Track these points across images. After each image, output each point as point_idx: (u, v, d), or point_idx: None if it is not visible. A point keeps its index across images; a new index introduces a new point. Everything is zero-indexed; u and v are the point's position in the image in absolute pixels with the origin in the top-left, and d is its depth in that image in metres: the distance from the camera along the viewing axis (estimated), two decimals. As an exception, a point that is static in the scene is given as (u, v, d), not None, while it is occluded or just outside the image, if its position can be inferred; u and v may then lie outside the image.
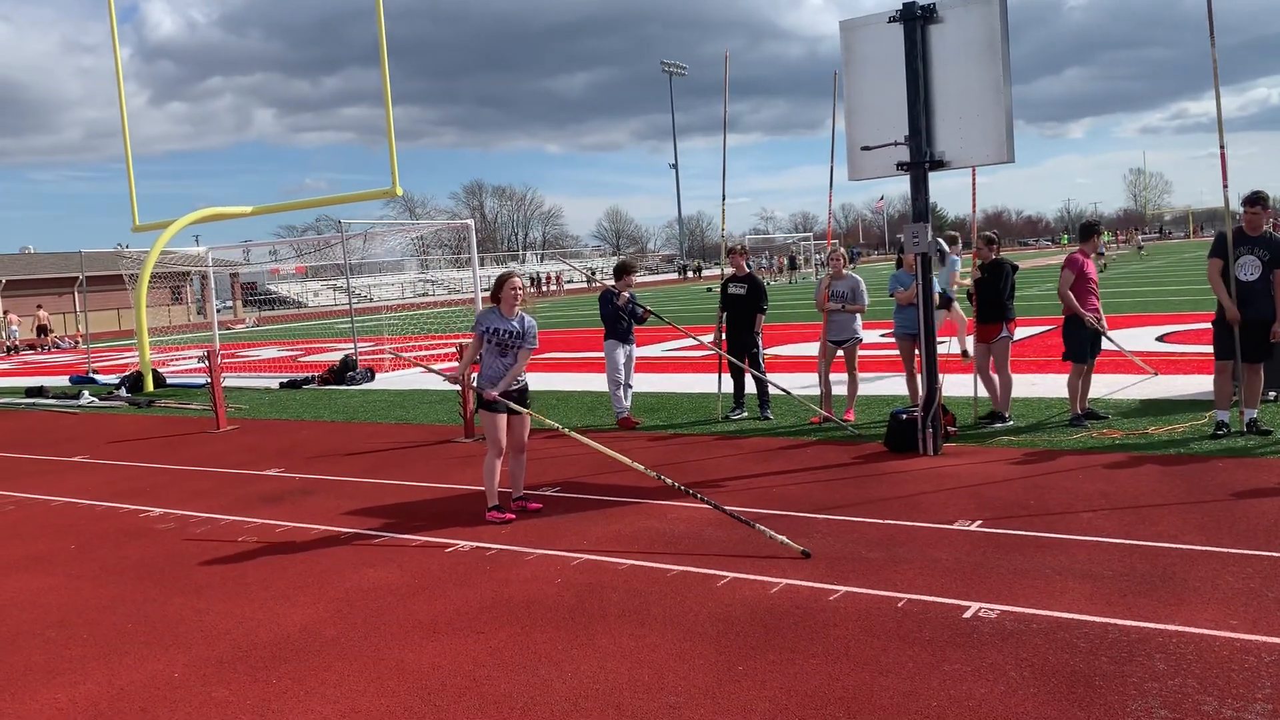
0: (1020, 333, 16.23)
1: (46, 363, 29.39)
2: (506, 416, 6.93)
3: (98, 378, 20.12)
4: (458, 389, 10.44)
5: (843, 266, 10.05)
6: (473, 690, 4.23)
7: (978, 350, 9.32)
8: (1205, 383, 10.48)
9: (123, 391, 17.12)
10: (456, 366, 7.54)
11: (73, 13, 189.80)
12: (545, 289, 71.79)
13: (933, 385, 8.19)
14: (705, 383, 12.87)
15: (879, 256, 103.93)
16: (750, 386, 10.57)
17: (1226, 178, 8.47)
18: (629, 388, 10.66)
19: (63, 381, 20.26)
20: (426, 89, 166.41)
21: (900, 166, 8.16)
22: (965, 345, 13.31)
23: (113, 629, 5.30)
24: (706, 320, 22.09)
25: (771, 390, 10.36)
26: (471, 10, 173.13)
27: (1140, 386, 10.67)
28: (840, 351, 10.07)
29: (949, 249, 12.92)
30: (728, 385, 10.74)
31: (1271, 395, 9.13)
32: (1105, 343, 9.32)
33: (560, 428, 7.20)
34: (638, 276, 10.75)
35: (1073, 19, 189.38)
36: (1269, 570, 5.00)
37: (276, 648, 4.86)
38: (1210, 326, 8.42)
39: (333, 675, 4.49)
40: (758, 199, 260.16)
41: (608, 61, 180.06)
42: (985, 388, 9.34)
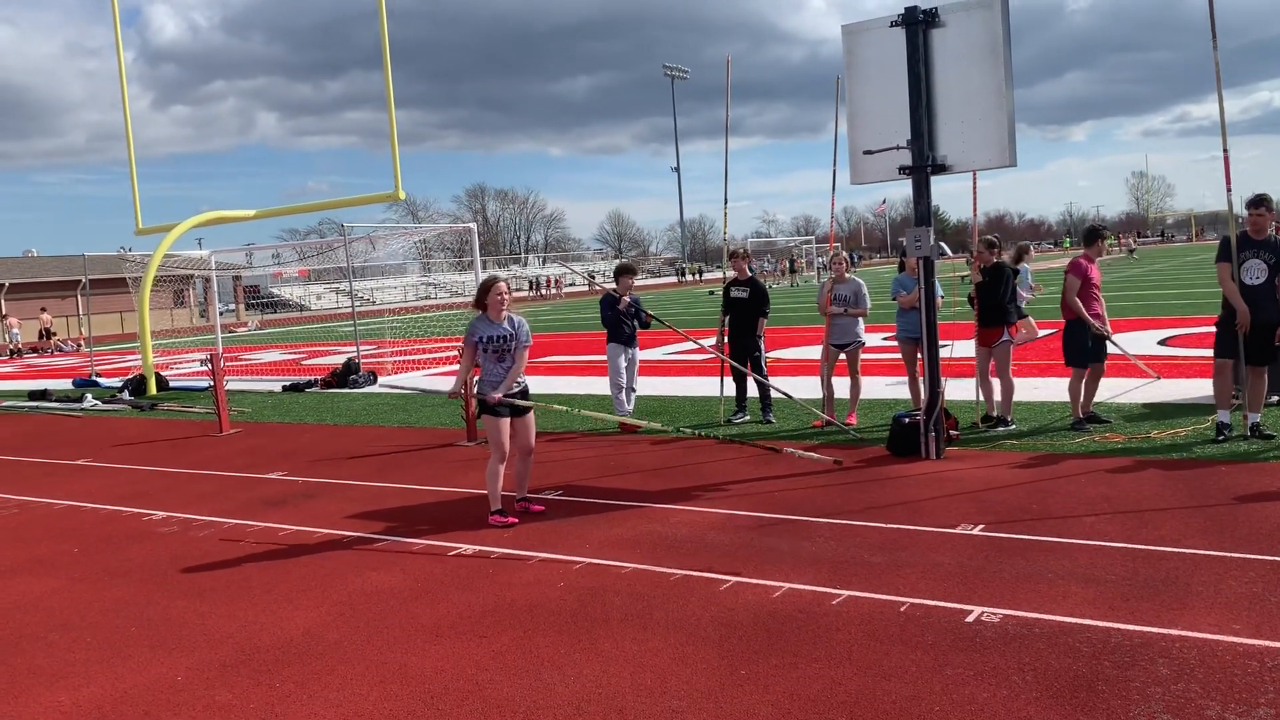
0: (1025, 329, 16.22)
1: (49, 366, 29.42)
2: (510, 420, 6.95)
3: (101, 381, 20.15)
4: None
5: (845, 270, 10.07)
6: (475, 694, 4.24)
7: (978, 354, 9.32)
8: (1207, 386, 10.46)
9: (126, 395, 17.13)
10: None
11: (77, 16, 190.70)
12: (545, 292, 71.81)
13: (935, 389, 8.20)
14: (708, 386, 12.88)
15: (880, 260, 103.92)
16: (752, 390, 10.57)
17: (1230, 181, 8.45)
18: (633, 391, 10.67)
19: (66, 384, 20.29)
20: (429, 92, 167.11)
21: (902, 170, 8.17)
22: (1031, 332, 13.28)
23: (116, 632, 5.31)
24: (708, 324, 22.10)
25: (774, 394, 10.37)
26: (474, 13, 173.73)
27: (1142, 390, 10.67)
28: (843, 355, 10.08)
29: (1024, 259, 12.99)
30: (730, 389, 10.74)
31: (1275, 399, 9.11)
32: (1110, 347, 9.31)
33: (569, 409, 7.14)
34: (636, 279, 10.74)
35: (1074, 22, 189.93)
36: (1272, 574, 5.00)
37: (279, 651, 4.87)
38: (1213, 329, 8.41)
39: (336, 679, 4.50)
40: (760, 202, 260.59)
41: (610, 65, 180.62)
42: (984, 392, 9.35)
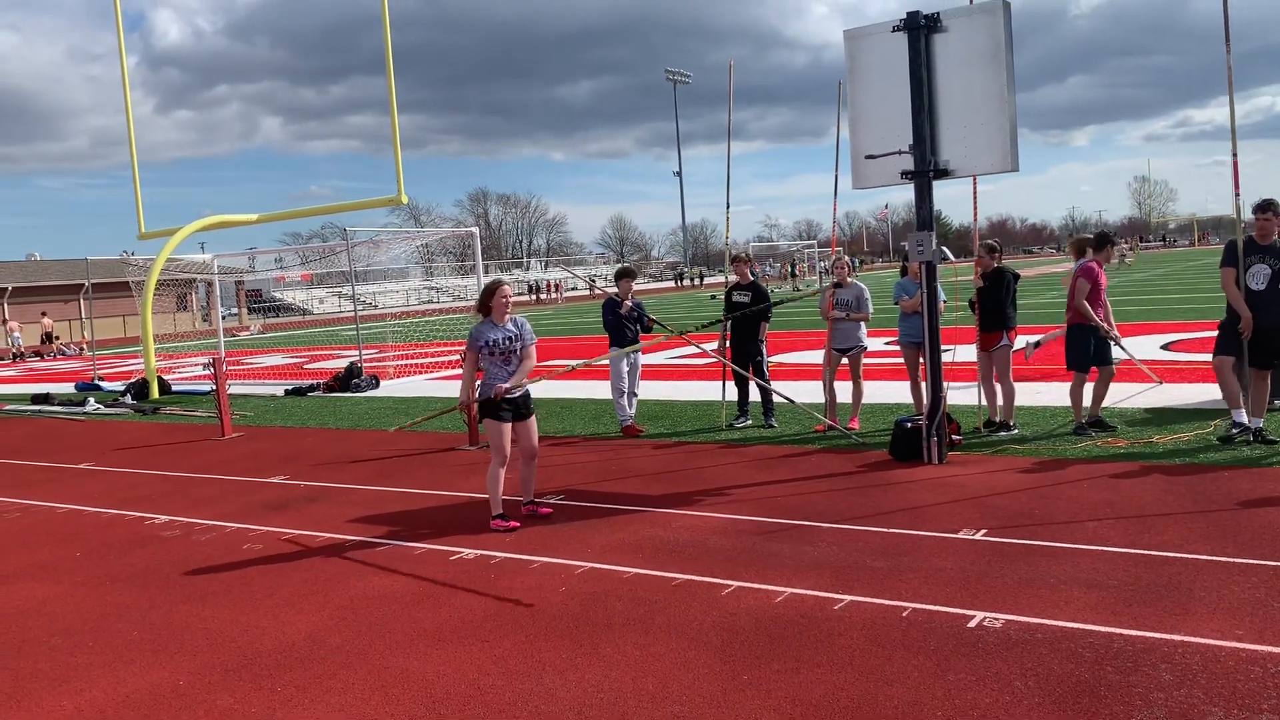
0: (1023, 342, 16.21)
1: (52, 370, 29.44)
2: (512, 424, 6.96)
3: (103, 385, 20.17)
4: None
5: (847, 275, 10.07)
6: (477, 699, 4.24)
7: (979, 359, 9.32)
8: (1210, 391, 10.47)
9: (128, 398, 17.15)
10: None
11: (81, 22, 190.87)
12: (546, 296, 71.81)
13: (937, 394, 8.19)
14: (709, 391, 12.88)
15: (882, 264, 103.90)
16: (755, 394, 10.57)
17: (1239, 185, 8.38)
18: (634, 395, 10.66)
19: (68, 388, 20.31)
20: (432, 97, 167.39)
21: (904, 175, 8.17)
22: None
23: (118, 636, 5.31)
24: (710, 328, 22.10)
25: (776, 398, 10.37)
26: (477, 19, 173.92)
27: (1145, 395, 10.66)
28: (845, 359, 10.08)
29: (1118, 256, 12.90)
30: (732, 393, 10.74)
31: (1278, 404, 9.10)
32: (1116, 351, 9.30)
33: (570, 367, 7.18)
34: (634, 283, 10.77)
35: (1077, 27, 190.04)
36: (1275, 580, 4.99)
37: (281, 655, 4.87)
38: (1215, 334, 8.40)
39: (337, 683, 4.50)
40: (762, 206, 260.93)
41: (613, 70, 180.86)
42: (986, 397, 9.34)
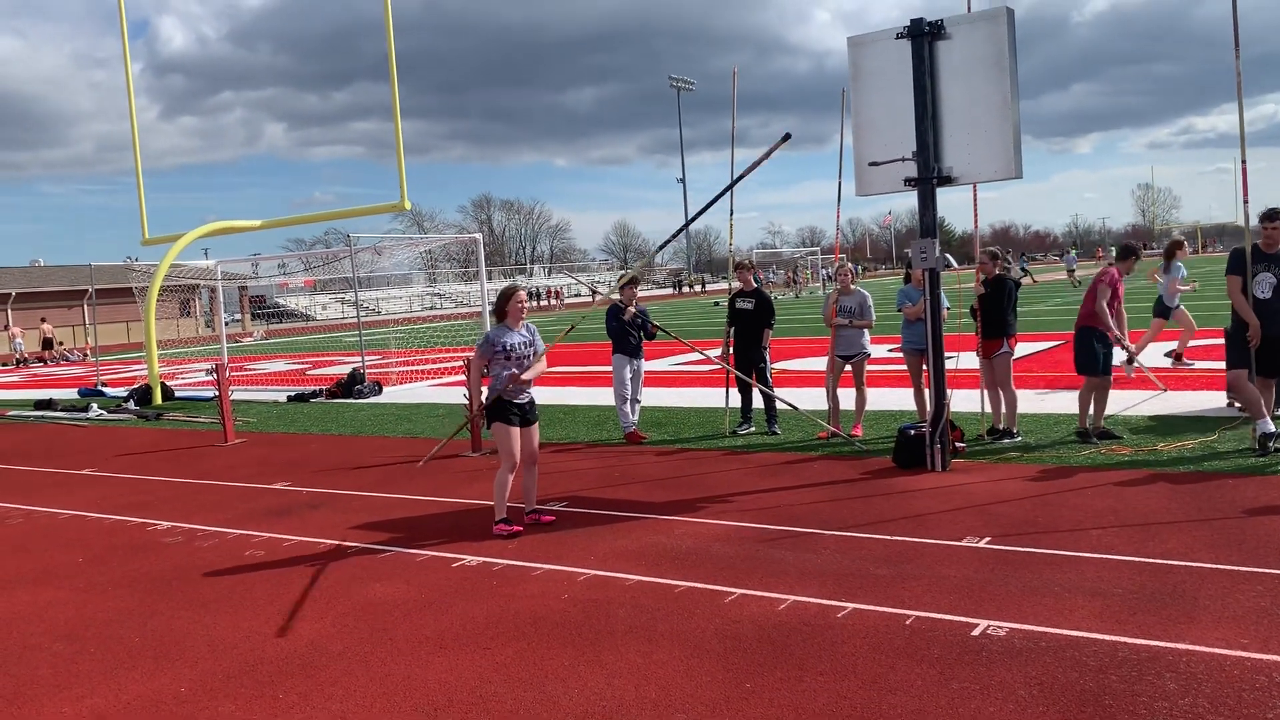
0: (1027, 348, 16.21)
1: (55, 375, 29.48)
2: (520, 430, 6.96)
3: (106, 390, 20.19)
4: (465, 402, 10.46)
5: (850, 282, 10.06)
6: (479, 706, 4.22)
7: (981, 366, 9.31)
8: (1214, 399, 10.46)
9: (131, 404, 17.17)
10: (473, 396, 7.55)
11: (85, 28, 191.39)
12: (546, 303, 71.80)
13: (941, 401, 8.18)
14: (713, 397, 12.87)
15: (886, 271, 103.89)
16: (758, 401, 10.56)
17: (1247, 192, 8.34)
18: (637, 402, 10.65)
19: (71, 394, 20.33)
20: (435, 103, 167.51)
21: (908, 182, 8.17)
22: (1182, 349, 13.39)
23: (120, 642, 5.31)
24: (713, 335, 22.10)
25: (779, 405, 10.35)
26: (480, 25, 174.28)
27: (1149, 403, 10.63)
28: (848, 366, 10.07)
29: (1177, 255, 12.97)
30: (735, 400, 10.72)
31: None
32: (1119, 358, 9.27)
33: (572, 327, 7.17)
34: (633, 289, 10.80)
35: (1079, 34, 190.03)
36: (1280, 589, 4.97)
37: (283, 662, 4.86)
38: (1220, 341, 8.38)
39: (339, 690, 4.49)
40: (766, 213, 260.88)
41: (616, 76, 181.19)
42: (990, 404, 9.33)
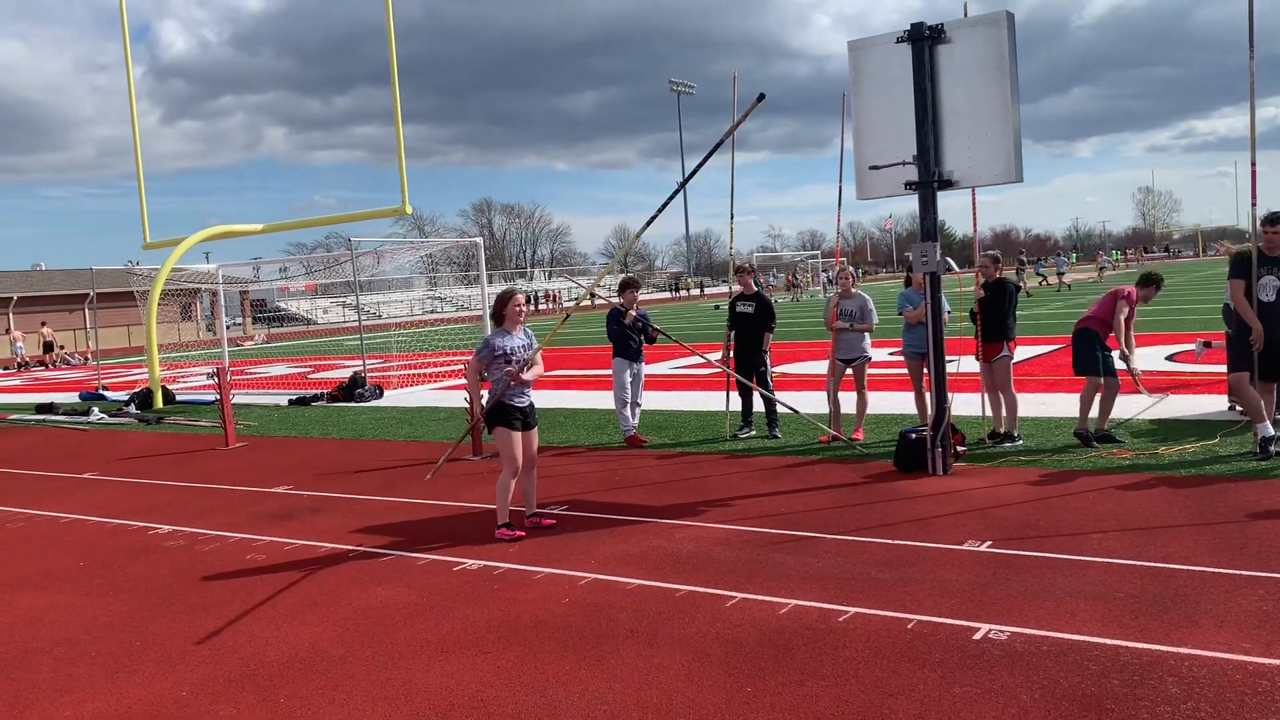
0: (1026, 352, 16.21)
1: (56, 379, 29.49)
2: (522, 434, 6.97)
3: (107, 394, 20.19)
4: (466, 406, 10.47)
5: (851, 285, 10.07)
6: (481, 711, 4.22)
7: (983, 370, 9.31)
8: (1216, 402, 10.45)
9: (132, 408, 17.17)
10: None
11: (87, 32, 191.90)
12: (543, 307, 71.76)
13: (942, 405, 8.18)
14: (713, 401, 12.87)
15: (886, 275, 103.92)
16: (758, 405, 10.56)
17: (1255, 195, 8.33)
18: (637, 406, 10.65)
19: (73, 398, 20.33)
20: (436, 107, 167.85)
21: (908, 186, 8.17)
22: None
23: (120, 647, 5.30)
24: (713, 339, 22.10)
25: (780, 409, 10.35)
26: (481, 29, 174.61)
27: (1151, 407, 10.62)
28: (849, 370, 10.07)
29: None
30: (736, 404, 10.72)
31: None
32: (1118, 364, 9.25)
33: (581, 295, 7.17)
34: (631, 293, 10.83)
35: (1079, 38, 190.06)
36: (1282, 592, 4.96)
37: (284, 667, 4.86)
38: (1221, 345, 8.38)
39: (340, 694, 4.48)
40: (766, 217, 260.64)
41: (616, 81, 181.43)
42: (991, 407, 9.32)
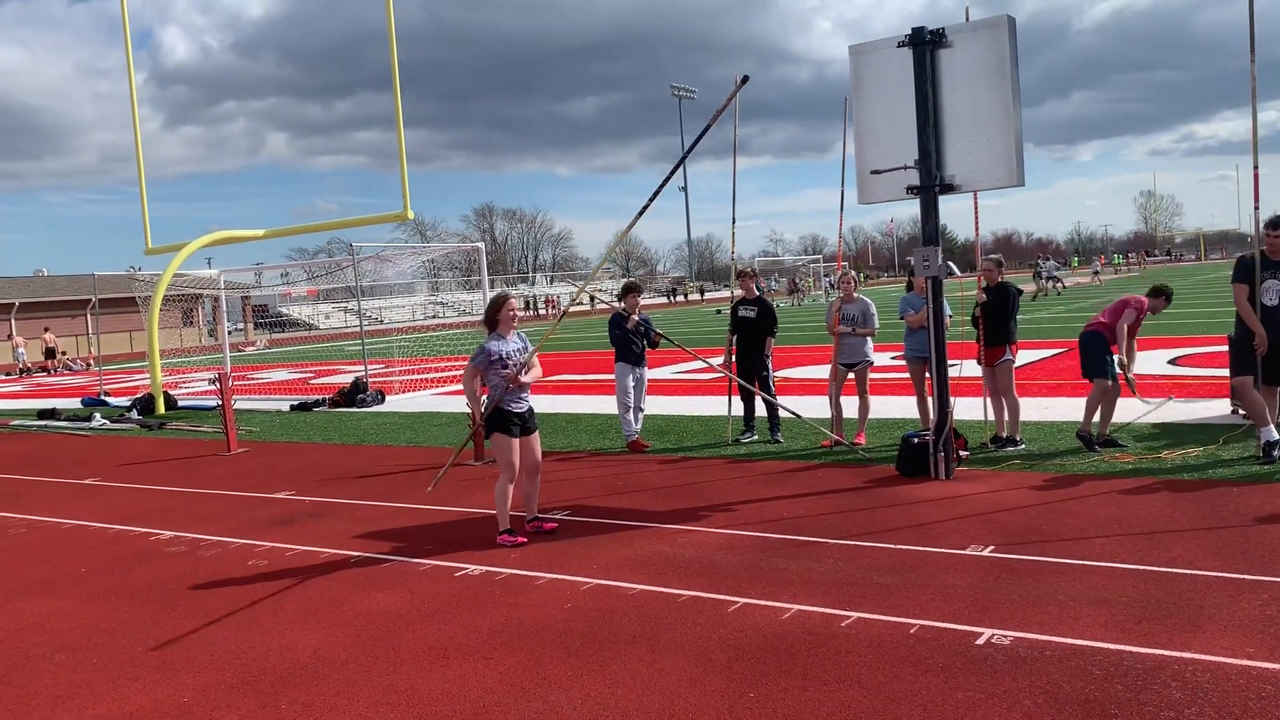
0: (1028, 356, 16.20)
1: (58, 385, 29.51)
2: (520, 439, 6.96)
3: (109, 400, 20.21)
4: (468, 412, 10.45)
5: (853, 290, 10.06)
6: (482, 716, 4.21)
7: (985, 374, 9.30)
8: (1218, 406, 10.43)
9: (134, 414, 17.18)
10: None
11: (89, 38, 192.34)
12: (544, 311, 71.65)
13: (944, 409, 8.17)
14: (715, 405, 12.86)
15: (888, 279, 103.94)
16: (760, 409, 10.55)
17: (1258, 199, 8.30)
18: (640, 410, 10.64)
19: (75, 404, 20.35)
20: (438, 112, 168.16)
21: (910, 190, 8.17)
22: None
23: (122, 653, 5.30)
24: (715, 343, 22.10)
25: (782, 413, 10.34)
26: (482, 34, 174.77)
27: (1153, 411, 10.61)
28: (851, 374, 10.06)
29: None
30: (738, 408, 10.72)
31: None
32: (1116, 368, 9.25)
33: (586, 275, 7.17)
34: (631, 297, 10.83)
35: (1080, 42, 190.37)
36: (1286, 597, 4.95)
37: (286, 672, 4.85)
38: (1224, 349, 8.36)
39: (342, 700, 4.48)
40: (767, 221, 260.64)
41: (618, 85, 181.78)
42: (993, 412, 9.31)
